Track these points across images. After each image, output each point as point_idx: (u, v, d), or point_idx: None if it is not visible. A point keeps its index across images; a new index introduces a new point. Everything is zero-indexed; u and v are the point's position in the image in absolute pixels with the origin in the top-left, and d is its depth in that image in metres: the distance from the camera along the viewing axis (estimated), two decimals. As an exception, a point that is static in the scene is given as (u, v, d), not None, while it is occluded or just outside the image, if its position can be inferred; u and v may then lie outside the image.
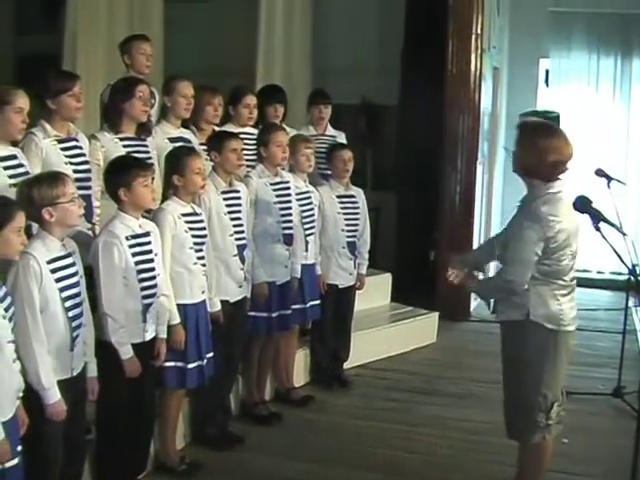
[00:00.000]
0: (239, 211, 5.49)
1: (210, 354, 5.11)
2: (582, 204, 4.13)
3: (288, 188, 6.01)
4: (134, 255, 4.44)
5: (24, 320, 3.70)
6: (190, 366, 4.98)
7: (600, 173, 6.44)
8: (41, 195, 3.87)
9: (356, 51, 10.32)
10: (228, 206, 5.41)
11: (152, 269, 4.54)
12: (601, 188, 6.32)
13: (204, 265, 5.04)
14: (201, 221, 5.06)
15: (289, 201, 5.99)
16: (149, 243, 4.55)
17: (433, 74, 9.04)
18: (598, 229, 4.04)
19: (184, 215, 4.93)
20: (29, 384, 3.70)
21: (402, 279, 8.71)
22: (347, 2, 10.72)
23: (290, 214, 5.98)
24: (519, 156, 4.35)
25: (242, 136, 5.76)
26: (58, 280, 3.86)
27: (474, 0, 9.00)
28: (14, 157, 4.37)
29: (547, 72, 11.39)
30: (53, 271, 3.84)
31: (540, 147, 4.23)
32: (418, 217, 9.41)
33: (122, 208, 4.50)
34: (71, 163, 4.74)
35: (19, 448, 3.56)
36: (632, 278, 4.39)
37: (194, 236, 4.95)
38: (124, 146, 5.18)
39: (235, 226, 5.44)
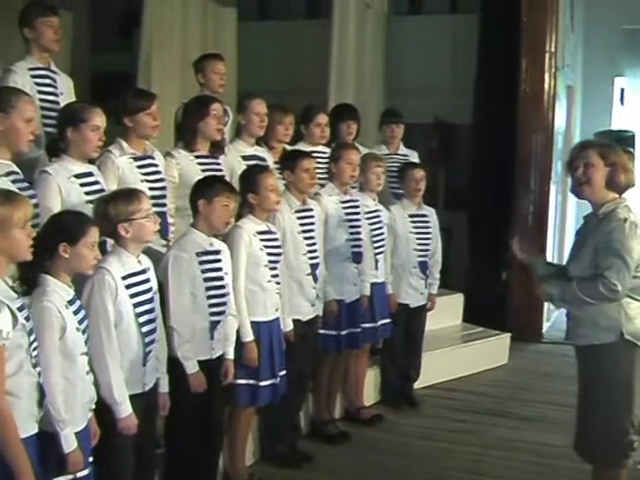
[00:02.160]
0: (312, 230, 5.50)
1: (283, 372, 5.12)
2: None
3: (357, 207, 6.02)
4: (203, 272, 4.47)
5: (98, 334, 3.75)
6: (262, 384, 4.98)
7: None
8: (117, 211, 3.92)
9: (429, 70, 10.29)
10: (302, 225, 5.44)
11: (222, 287, 4.57)
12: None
13: (278, 283, 5.05)
14: (276, 239, 5.08)
15: (358, 219, 6.00)
16: (219, 261, 4.58)
17: (507, 93, 9.00)
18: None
19: (259, 233, 4.95)
20: (101, 397, 3.75)
21: (474, 299, 8.63)
22: (421, 21, 10.75)
23: (359, 232, 5.98)
24: (600, 173, 4.31)
25: (314, 155, 5.79)
26: (133, 296, 3.90)
27: (548, 18, 8.96)
28: (90, 174, 4.42)
29: (622, 90, 11.23)
30: (128, 287, 3.88)
31: (621, 161, 4.31)
32: (490, 237, 9.31)
33: (195, 224, 4.55)
34: (147, 180, 4.78)
35: (90, 459, 3.60)
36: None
37: (269, 254, 4.97)
38: (199, 164, 5.24)
39: (308, 245, 5.46)
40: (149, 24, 7.87)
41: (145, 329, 3.95)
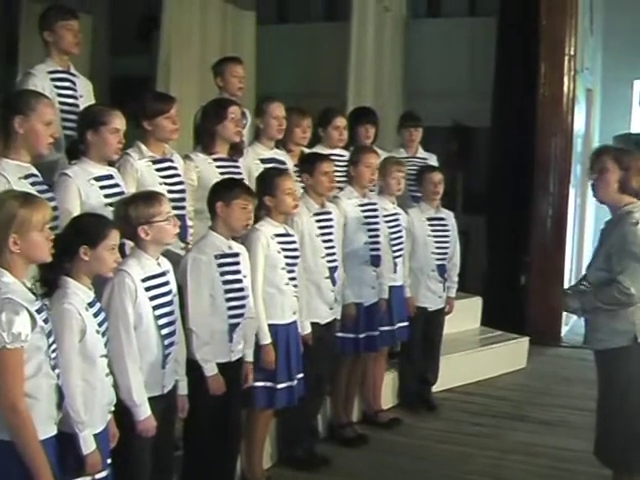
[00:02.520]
0: (331, 233, 5.50)
1: (300, 375, 5.11)
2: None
3: (376, 210, 6.01)
4: (222, 274, 4.48)
5: (118, 336, 3.76)
6: (279, 386, 4.98)
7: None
8: (137, 214, 3.94)
9: (447, 73, 10.26)
10: (320, 228, 5.43)
11: (240, 289, 4.57)
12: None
13: (295, 286, 5.05)
14: (293, 242, 5.07)
15: (377, 223, 5.99)
16: (238, 264, 4.59)
17: (525, 96, 8.98)
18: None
19: (277, 236, 4.95)
20: (121, 399, 3.75)
21: (492, 303, 8.60)
22: (439, 24, 10.73)
23: (378, 235, 5.98)
24: (613, 177, 4.34)
25: (332, 158, 5.78)
26: (152, 298, 3.91)
27: (567, 21, 8.93)
28: (110, 177, 4.43)
29: (642, 94, 11.18)
30: (147, 289, 3.90)
31: (636, 165, 4.35)
32: (508, 240, 9.30)
33: (214, 227, 4.56)
34: (166, 183, 4.79)
35: (109, 461, 3.61)
36: None
37: (286, 257, 4.96)
38: (217, 166, 5.24)
39: (327, 248, 5.46)
40: (168, 27, 7.88)
41: (164, 331, 3.96)
